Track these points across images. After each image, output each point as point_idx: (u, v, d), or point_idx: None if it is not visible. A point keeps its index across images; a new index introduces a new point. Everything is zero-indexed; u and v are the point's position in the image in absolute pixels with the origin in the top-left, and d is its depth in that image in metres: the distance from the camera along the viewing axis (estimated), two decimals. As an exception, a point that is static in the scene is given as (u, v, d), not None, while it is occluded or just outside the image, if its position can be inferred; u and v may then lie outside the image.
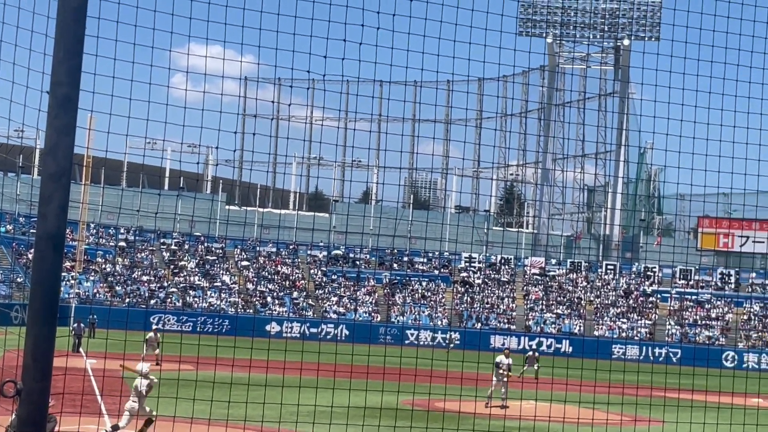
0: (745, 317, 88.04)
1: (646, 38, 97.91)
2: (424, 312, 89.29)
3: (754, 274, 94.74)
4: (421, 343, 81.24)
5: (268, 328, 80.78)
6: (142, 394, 23.70)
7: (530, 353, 58.59)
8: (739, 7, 18.29)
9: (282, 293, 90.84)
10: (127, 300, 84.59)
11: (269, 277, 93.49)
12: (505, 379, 36.30)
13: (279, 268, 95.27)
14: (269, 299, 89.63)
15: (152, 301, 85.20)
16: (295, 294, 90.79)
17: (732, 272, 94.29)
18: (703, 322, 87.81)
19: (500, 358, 37.27)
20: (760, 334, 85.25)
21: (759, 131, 20.64)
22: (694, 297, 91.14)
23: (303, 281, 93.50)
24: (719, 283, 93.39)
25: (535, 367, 47.13)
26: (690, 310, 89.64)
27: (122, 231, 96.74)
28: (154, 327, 59.66)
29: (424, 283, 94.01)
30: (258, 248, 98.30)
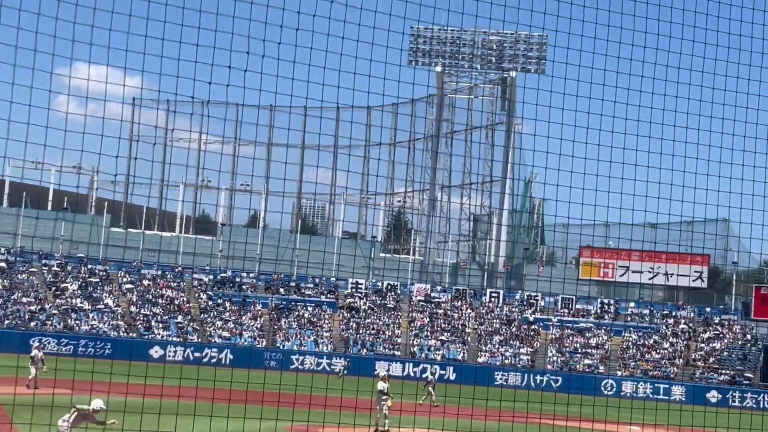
0: (624, 346, 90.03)
1: (533, 71, 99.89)
2: (309, 337, 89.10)
3: (632, 304, 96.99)
4: (306, 368, 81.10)
5: (151, 352, 79.72)
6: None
7: (430, 379, 59.07)
8: (617, 45, 18.95)
9: (166, 317, 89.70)
10: (6, 322, 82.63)
11: (153, 300, 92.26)
12: (385, 405, 36.49)
13: (163, 292, 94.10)
14: (153, 323, 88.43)
15: (32, 323, 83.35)
16: (179, 318, 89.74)
17: (611, 301, 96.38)
18: (584, 350, 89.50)
19: (380, 383, 37.49)
20: (637, 362, 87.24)
21: (634, 166, 21.36)
22: (575, 325, 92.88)
23: (188, 305, 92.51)
24: (599, 312, 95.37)
25: (432, 396, 47.58)
26: (571, 338, 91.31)
27: (2, 251, 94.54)
28: (36, 344, 58.63)
29: (310, 308, 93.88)
30: (142, 271, 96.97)
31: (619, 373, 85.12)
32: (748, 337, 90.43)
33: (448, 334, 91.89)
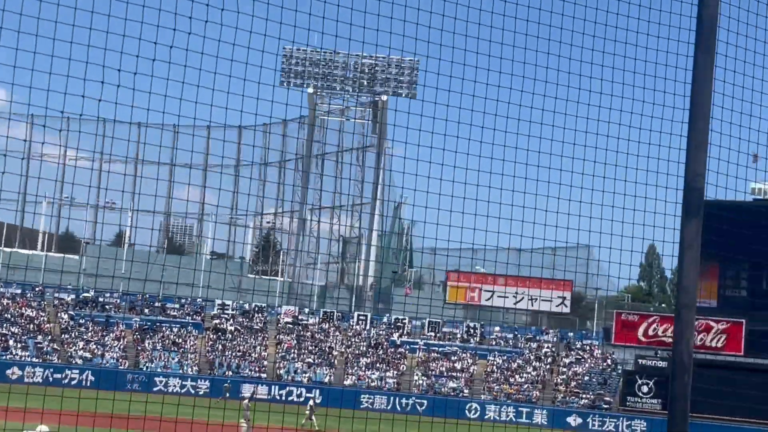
0: (489, 369, 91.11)
1: (404, 95, 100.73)
2: (174, 359, 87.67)
3: (498, 328, 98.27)
4: (170, 390, 79.73)
5: (8, 372, 77.34)
6: None
7: (311, 403, 58.72)
8: (485, 72, 19.14)
9: (25, 337, 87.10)
10: None
11: (12, 319, 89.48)
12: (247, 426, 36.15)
13: (23, 311, 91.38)
14: (11, 342, 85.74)
15: None
16: (39, 338, 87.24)
17: (477, 325, 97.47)
18: (449, 373, 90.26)
19: (244, 403, 37.14)
20: (501, 386, 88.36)
21: (500, 190, 21.56)
22: (441, 349, 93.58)
23: (49, 324, 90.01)
24: (465, 336, 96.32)
25: (313, 419, 47.35)
26: (437, 361, 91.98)
27: None
28: None
29: (175, 330, 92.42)
30: (1, 289, 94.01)
31: (483, 396, 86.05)
32: (609, 361, 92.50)
33: (315, 356, 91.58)
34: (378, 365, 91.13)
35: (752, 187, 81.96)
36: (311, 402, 61.29)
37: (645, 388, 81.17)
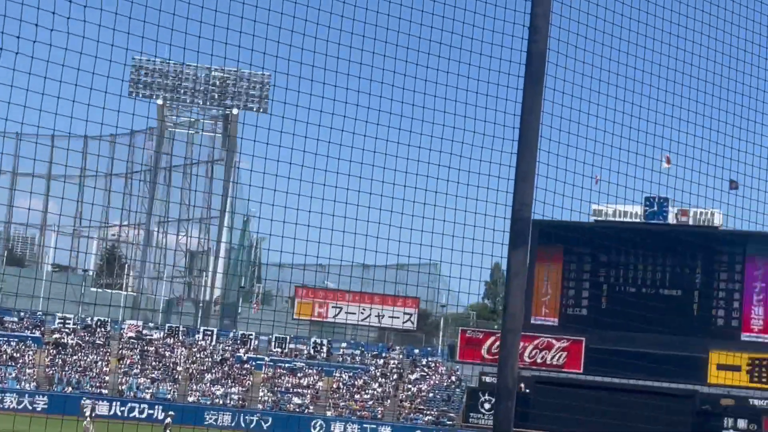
0: (335, 386, 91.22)
1: (255, 110, 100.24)
2: (11, 374, 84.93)
3: (345, 344, 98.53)
4: (7, 407, 77.23)
5: None
6: None
7: (168, 421, 57.57)
8: (333, 89, 19.27)
9: None
10: None
11: None
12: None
13: None
14: None
15: None
16: None
17: (324, 341, 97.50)
18: (295, 389, 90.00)
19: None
20: (347, 402, 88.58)
21: (345, 204, 21.67)
22: (287, 365, 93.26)
23: None
24: (312, 352, 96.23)
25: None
26: (283, 377, 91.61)
27: None
28: None
29: (13, 344, 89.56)
30: None
31: (328, 413, 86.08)
32: (453, 378, 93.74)
33: (159, 372, 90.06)
34: (223, 381, 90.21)
35: (593, 209, 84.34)
36: (168, 420, 60.19)
37: (487, 405, 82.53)
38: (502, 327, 8.08)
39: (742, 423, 77.39)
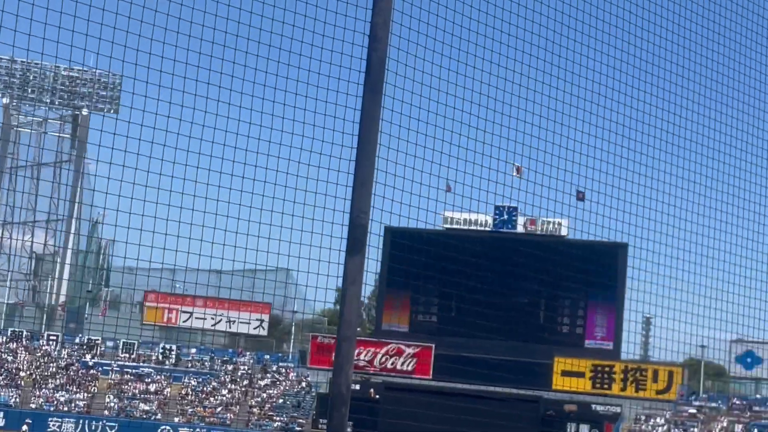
0: (183, 392, 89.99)
1: (106, 111, 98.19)
2: None
3: (194, 350, 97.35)
4: None
5: None
6: None
7: (24, 428, 55.71)
8: (180, 94, 19.00)
9: None
10: None
11: None
12: None
13: None
14: None
15: None
16: None
17: (174, 347, 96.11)
18: (142, 395, 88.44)
19: None
20: (195, 409, 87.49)
21: (191, 210, 21.41)
22: (135, 370, 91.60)
23: None
24: (160, 358, 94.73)
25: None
26: (130, 383, 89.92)
27: None
28: None
29: None
30: None
31: (176, 419, 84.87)
32: (303, 384, 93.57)
33: (1, 378, 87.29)
34: (68, 387, 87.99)
35: (444, 216, 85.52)
36: (24, 427, 58.28)
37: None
38: (337, 334, 8.10)
39: (584, 428, 79.46)
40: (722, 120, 24.00)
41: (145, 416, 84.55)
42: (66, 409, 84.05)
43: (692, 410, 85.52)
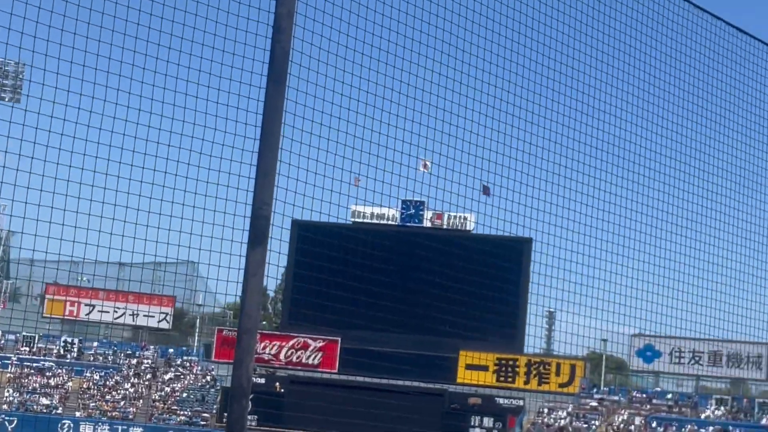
0: (85, 386, 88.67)
1: (6, 100, 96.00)
2: None
3: (96, 343, 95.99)
4: None
5: None
6: None
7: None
8: (91, 85, 18.66)
9: None
10: None
11: None
12: None
13: None
14: None
15: None
16: None
17: (75, 340, 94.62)
18: (43, 390, 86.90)
19: None
20: (97, 403, 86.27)
21: (90, 201, 21.02)
22: (35, 364, 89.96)
23: None
24: (62, 351, 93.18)
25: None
26: (30, 377, 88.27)
27: None
28: None
29: None
30: None
31: (78, 413, 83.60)
32: (208, 378, 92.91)
33: None
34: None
35: (352, 210, 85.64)
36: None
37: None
38: (238, 327, 8.03)
39: (488, 421, 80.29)
40: (626, 111, 24.43)
41: (45, 410, 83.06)
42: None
43: (593, 403, 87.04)
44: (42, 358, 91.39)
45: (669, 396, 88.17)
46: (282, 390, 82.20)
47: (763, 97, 26.27)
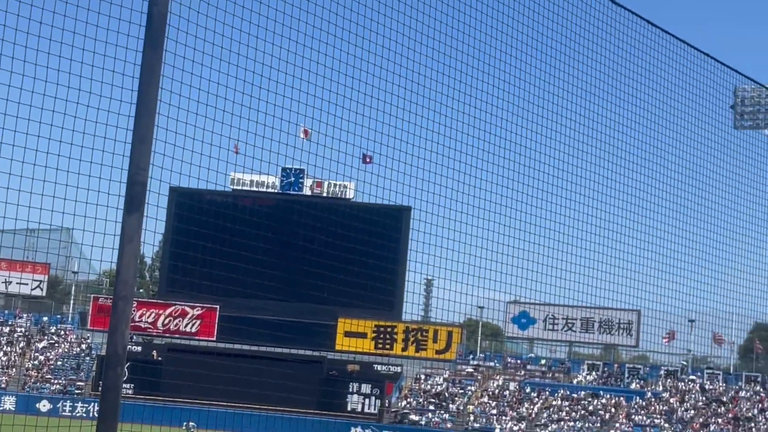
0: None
1: None
2: None
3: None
4: None
5: None
6: None
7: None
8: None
9: None
10: None
11: None
12: None
13: None
14: None
15: None
16: None
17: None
18: None
19: None
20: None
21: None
22: None
23: None
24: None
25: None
26: None
27: None
28: None
29: None
30: None
31: None
32: (84, 346, 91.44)
33: None
34: None
35: (232, 178, 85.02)
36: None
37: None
38: (114, 294, 7.94)
39: (366, 388, 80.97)
40: (506, 82, 24.74)
41: None
42: None
43: (470, 369, 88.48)
44: None
45: (543, 362, 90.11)
46: (159, 358, 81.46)
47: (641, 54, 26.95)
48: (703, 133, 29.21)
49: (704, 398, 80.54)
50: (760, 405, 78.31)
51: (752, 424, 75.91)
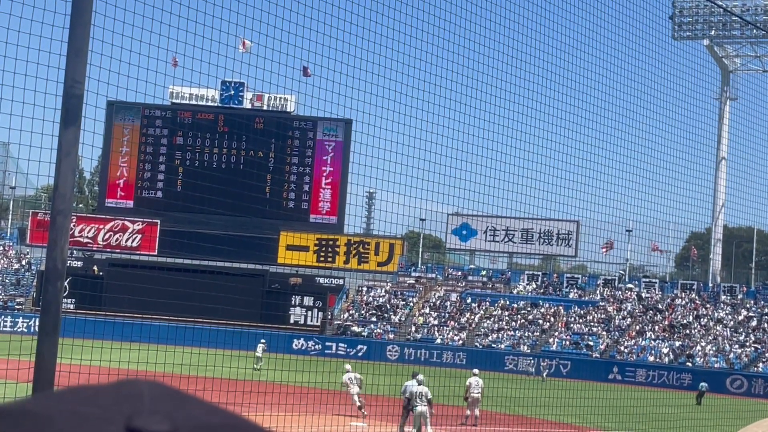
0: None
1: None
2: None
3: None
4: None
5: None
6: None
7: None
8: None
9: None
10: None
11: None
12: None
13: None
14: None
15: None
16: None
17: None
18: None
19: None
20: None
21: None
22: None
23: None
24: None
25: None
26: None
27: None
28: None
29: None
30: None
31: None
32: (24, 262, 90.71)
33: None
34: None
35: (170, 91, 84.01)
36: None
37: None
38: (51, 208, 7.86)
39: (308, 300, 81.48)
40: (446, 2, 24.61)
41: None
42: None
43: (411, 281, 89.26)
44: None
45: (483, 273, 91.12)
46: (100, 273, 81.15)
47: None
48: (642, 43, 29.37)
49: (641, 306, 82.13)
50: (695, 312, 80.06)
51: (687, 331, 77.69)
